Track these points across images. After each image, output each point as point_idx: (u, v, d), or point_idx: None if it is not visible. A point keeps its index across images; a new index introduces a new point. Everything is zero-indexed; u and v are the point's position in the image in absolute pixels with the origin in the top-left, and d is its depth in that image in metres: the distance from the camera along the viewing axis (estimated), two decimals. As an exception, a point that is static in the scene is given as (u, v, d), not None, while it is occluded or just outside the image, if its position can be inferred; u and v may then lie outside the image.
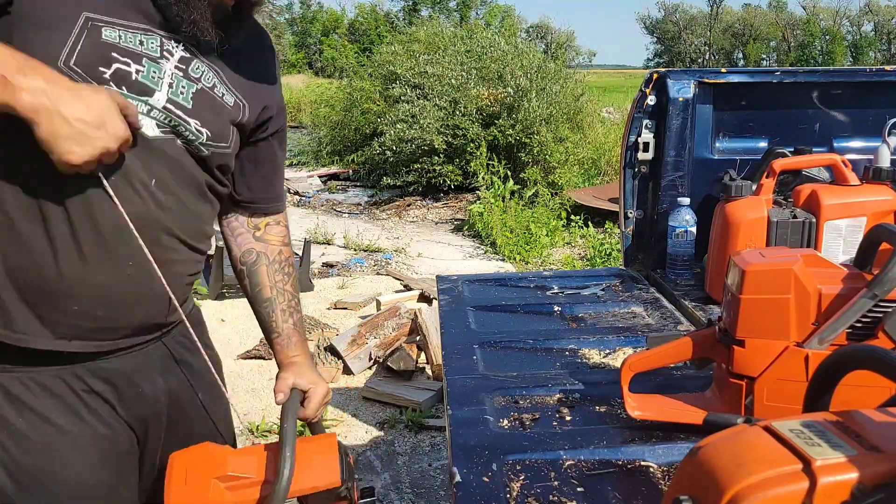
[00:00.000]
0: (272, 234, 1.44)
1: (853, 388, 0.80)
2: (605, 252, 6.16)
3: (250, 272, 1.42)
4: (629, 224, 2.41)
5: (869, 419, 0.64)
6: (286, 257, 1.46)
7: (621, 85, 20.69)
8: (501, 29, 15.77)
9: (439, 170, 8.88)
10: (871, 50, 73.02)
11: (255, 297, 1.43)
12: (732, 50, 79.70)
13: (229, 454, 1.16)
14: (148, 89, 1.09)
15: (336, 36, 54.82)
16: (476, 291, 2.20)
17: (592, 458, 1.20)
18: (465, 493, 1.09)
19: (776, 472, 0.58)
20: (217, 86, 1.19)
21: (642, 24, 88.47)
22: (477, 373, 1.57)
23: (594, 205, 7.53)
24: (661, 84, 2.24)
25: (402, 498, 2.85)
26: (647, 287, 2.21)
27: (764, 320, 1.18)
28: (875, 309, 1.13)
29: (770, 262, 1.20)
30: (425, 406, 3.50)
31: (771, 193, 1.99)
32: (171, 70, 1.12)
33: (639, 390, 1.31)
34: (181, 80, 1.13)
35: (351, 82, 11.88)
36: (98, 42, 1.04)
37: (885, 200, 1.85)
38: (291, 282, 1.45)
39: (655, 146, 2.31)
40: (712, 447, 0.64)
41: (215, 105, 1.19)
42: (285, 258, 1.45)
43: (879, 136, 2.20)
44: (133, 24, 1.08)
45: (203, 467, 1.11)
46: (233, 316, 4.85)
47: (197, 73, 1.16)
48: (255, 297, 1.43)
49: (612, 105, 14.29)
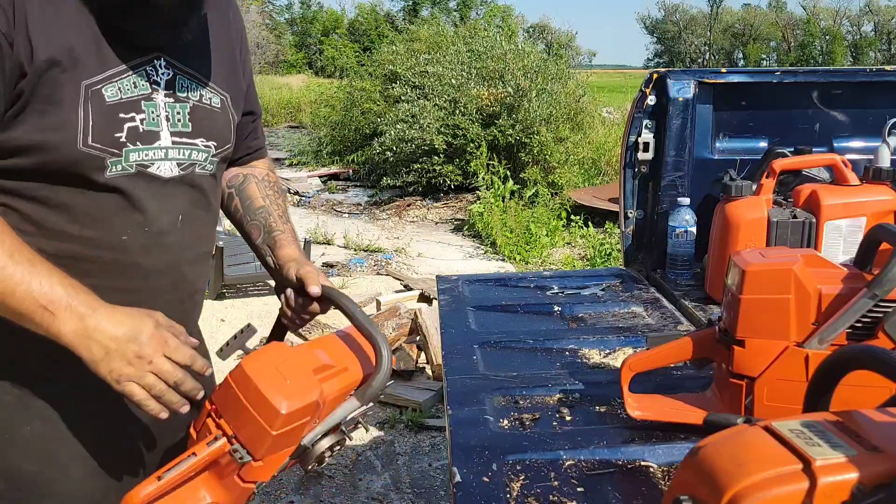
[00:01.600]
0: (257, 164, 1.45)
1: (853, 388, 0.80)
2: (605, 252, 6.16)
3: (239, 190, 1.38)
4: (629, 224, 2.41)
5: (869, 419, 0.64)
6: (274, 181, 1.43)
7: (621, 85, 20.67)
8: (502, 29, 15.77)
9: (439, 170, 8.87)
10: (871, 50, 73.02)
11: (246, 211, 1.37)
12: (732, 50, 79.69)
13: (304, 348, 1.12)
14: (154, 134, 1.12)
15: (336, 36, 54.80)
16: (476, 291, 2.20)
17: (592, 458, 1.20)
18: (465, 493, 1.09)
19: (776, 472, 0.58)
20: (202, 94, 1.20)
21: (642, 24, 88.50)
22: (477, 373, 1.57)
23: (594, 205, 7.53)
24: (662, 84, 2.24)
25: (402, 498, 2.85)
26: (647, 287, 2.20)
27: (764, 320, 1.18)
28: (875, 309, 1.13)
29: (770, 262, 1.20)
30: (425, 406, 3.50)
31: (771, 193, 1.99)
32: (163, 101, 1.13)
33: (639, 390, 1.31)
34: (174, 106, 1.15)
35: (351, 82, 11.88)
36: (104, 108, 1.06)
37: (885, 200, 1.85)
38: (283, 200, 1.42)
39: (655, 146, 2.31)
40: (712, 447, 0.64)
41: (210, 115, 1.21)
42: (274, 181, 1.43)
43: (879, 136, 2.20)
44: (120, 68, 1.08)
45: (295, 362, 1.05)
46: (232, 316, 4.85)
47: (183, 92, 1.16)
48: (246, 211, 1.37)
49: (612, 105, 14.27)
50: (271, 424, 0.99)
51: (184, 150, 1.16)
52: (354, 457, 3.16)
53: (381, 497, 2.85)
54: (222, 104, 1.23)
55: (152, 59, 1.12)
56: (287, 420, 1.00)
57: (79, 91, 1.04)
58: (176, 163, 1.15)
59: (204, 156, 1.20)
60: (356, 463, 3.11)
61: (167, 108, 1.14)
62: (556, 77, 9.44)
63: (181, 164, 1.16)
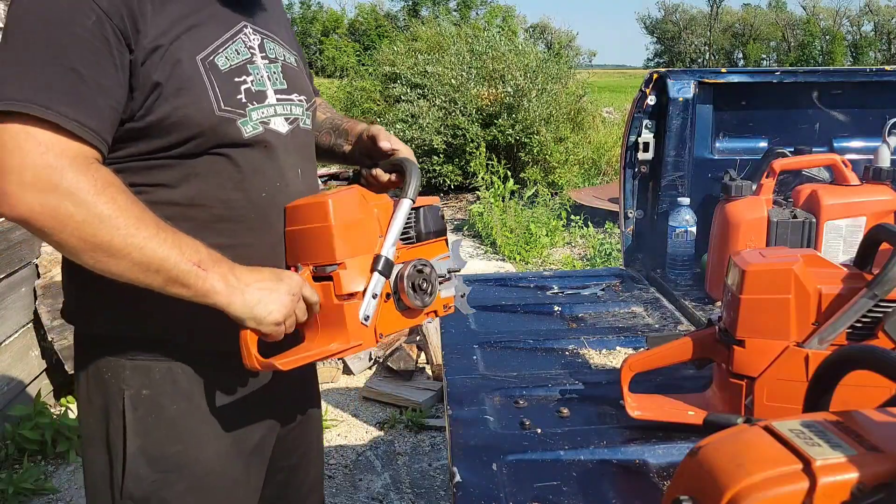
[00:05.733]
0: None
1: (853, 388, 0.80)
2: (605, 252, 6.16)
3: None
4: (629, 224, 2.41)
5: (869, 419, 0.64)
6: (328, 106, 1.55)
7: (621, 85, 20.68)
8: (503, 29, 15.76)
9: (439, 170, 8.87)
10: (871, 50, 73.04)
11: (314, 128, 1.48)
12: (732, 50, 79.71)
13: None
14: (263, 94, 1.21)
15: (336, 36, 54.76)
16: (476, 291, 2.20)
17: (592, 458, 1.20)
18: (465, 493, 1.09)
19: (776, 472, 0.58)
20: (285, 54, 1.31)
21: (642, 24, 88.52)
22: (477, 373, 1.57)
23: (594, 205, 7.52)
24: (662, 84, 2.24)
25: (402, 498, 2.85)
26: (647, 287, 2.20)
27: (764, 320, 1.18)
28: (875, 309, 1.13)
29: (770, 262, 1.20)
30: (425, 406, 3.50)
31: (771, 193, 1.99)
32: (261, 63, 1.23)
33: (639, 390, 1.31)
34: (269, 66, 1.25)
35: (351, 81, 11.88)
36: (222, 75, 1.16)
37: (885, 200, 1.85)
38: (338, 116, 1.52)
39: (655, 146, 2.31)
40: (712, 447, 0.64)
41: (295, 72, 1.32)
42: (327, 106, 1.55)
43: (879, 136, 2.20)
44: (221, 39, 1.18)
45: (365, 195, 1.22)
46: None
47: (272, 53, 1.27)
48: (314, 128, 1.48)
49: (612, 105, 14.29)
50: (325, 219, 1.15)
51: (286, 106, 1.26)
52: (354, 457, 3.16)
53: (381, 497, 2.85)
54: (297, 62, 1.35)
55: (242, 28, 1.22)
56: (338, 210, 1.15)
57: (197, 65, 1.12)
58: (284, 118, 1.24)
59: (300, 110, 1.29)
60: (356, 463, 3.11)
61: (266, 69, 1.23)
62: (556, 77, 9.43)
63: (287, 118, 1.25)
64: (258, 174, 1.19)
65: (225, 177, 1.17)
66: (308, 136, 1.33)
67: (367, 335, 1.18)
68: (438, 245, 1.33)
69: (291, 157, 1.25)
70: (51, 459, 3.05)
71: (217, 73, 1.15)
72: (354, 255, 1.17)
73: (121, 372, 1.19)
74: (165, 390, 1.20)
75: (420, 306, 1.23)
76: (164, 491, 1.21)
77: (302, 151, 1.30)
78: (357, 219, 1.17)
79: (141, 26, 1.07)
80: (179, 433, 1.21)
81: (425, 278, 1.23)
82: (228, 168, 1.17)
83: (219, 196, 1.17)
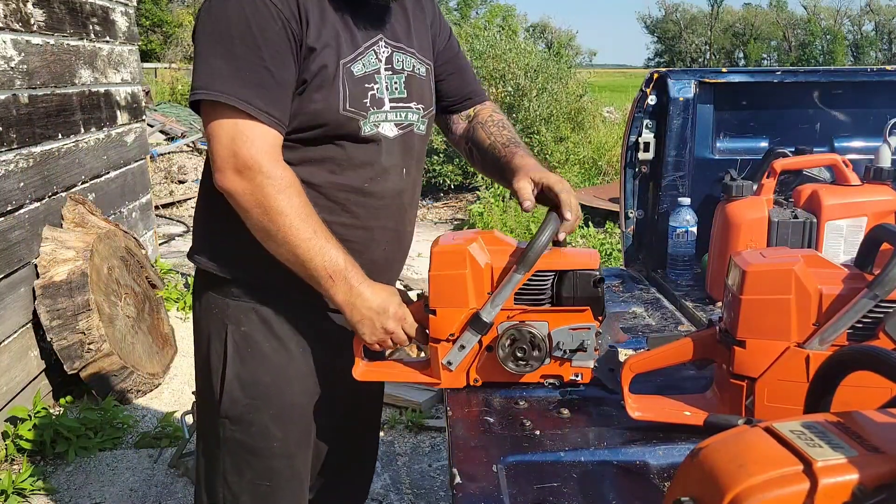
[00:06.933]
0: (483, 110, 1.69)
1: (854, 388, 0.80)
2: (605, 252, 6.16)
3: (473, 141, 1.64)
4: (630, 224, 2.41)
5: (870, 420, 0.64)
6: (499, 119, 1.66)
7: (622, 84, 20.68)
8: (503, 28, 15.76)
9: (439, 169, 8.87)
10: (872, 49, 73.06)
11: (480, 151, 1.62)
12: (733, 49, 79.73)
13: None
14: (381, 100, 1.42)
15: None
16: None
17: (592, 459, 1.19)
18: (465, 493, 1.09)
19: (777, 474, 0.57)
20: (414, 65, 1.49)
21: (643, 24, 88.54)
22: (477, 373, 1.57)
23: (594, 205, 7.52)
24: (662, 84, 2.24)
25: (401, 498, 2.85)
26: (647, 287, 2.20)
27: (765, 321, 1.18)
28: (876, 309, 1.13)
29: (771, 263, 1.20)
30: (425, 406, 3.50)
31: (772, 193, 1.98)
32: (384, 73, 1.43)
33: (639, 391, 1.31)
34: (392, 78, 1.44)
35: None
36: (353, 81, 1.38)
37: (886, 200, 1.85)
38: (507, 130, 1.63)
39: (656, 146, 2.30)
40: (713, 448, 0.64)
41: (420, 83, 1.50)
42: (499, 120, 1.65)
43: (880, 135, 2.20)
44: (360, 49, 1.39)
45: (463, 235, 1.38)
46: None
47: (399, 65, 1.46)
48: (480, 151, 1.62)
49: (613, 105, 14.28)
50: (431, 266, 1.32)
51: (400, 113, 1.46)
52: (354, 457, 3.15)
53: (380, 497, 2.84)
54: (427, 72, 1.53)
55: (378, 41, 1.43)
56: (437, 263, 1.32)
57: (338, 68, 1.36)
58: (394, 123, 1.45)
59: (416, 116, 1.50)
60: (356, 463, 3.10)
61: (387, 80, 1.44)
62: (557, 76, 9.44)
63: (399, 124, 1.46)
64: (365, 167, 1.42)
65: (335, 164, 1.40)
66: (420, 141, 1.53)
67: (450, 377, 1.37)
68: (582, 314, 1.34)
69: (396, 157, 1.46)
70: (50, 460, 3.05)
71: (350, 78, 1.37)
72: (448, 305, 1.33)
73: (225, 309, 1.47)
74: (260, 328, 1.45)
75: (514, 370, 1.34)
76: (253, 415, 1.46)
77: (410, 153, 1.50)
78: (454, 275, 1.32)
79: (307, 32, 1.31)
80: (269, 368, 1.46)
81: (523, 346, 1.33)
82: (340, 156, 1.40)
83: (328, 179, 1.40)
